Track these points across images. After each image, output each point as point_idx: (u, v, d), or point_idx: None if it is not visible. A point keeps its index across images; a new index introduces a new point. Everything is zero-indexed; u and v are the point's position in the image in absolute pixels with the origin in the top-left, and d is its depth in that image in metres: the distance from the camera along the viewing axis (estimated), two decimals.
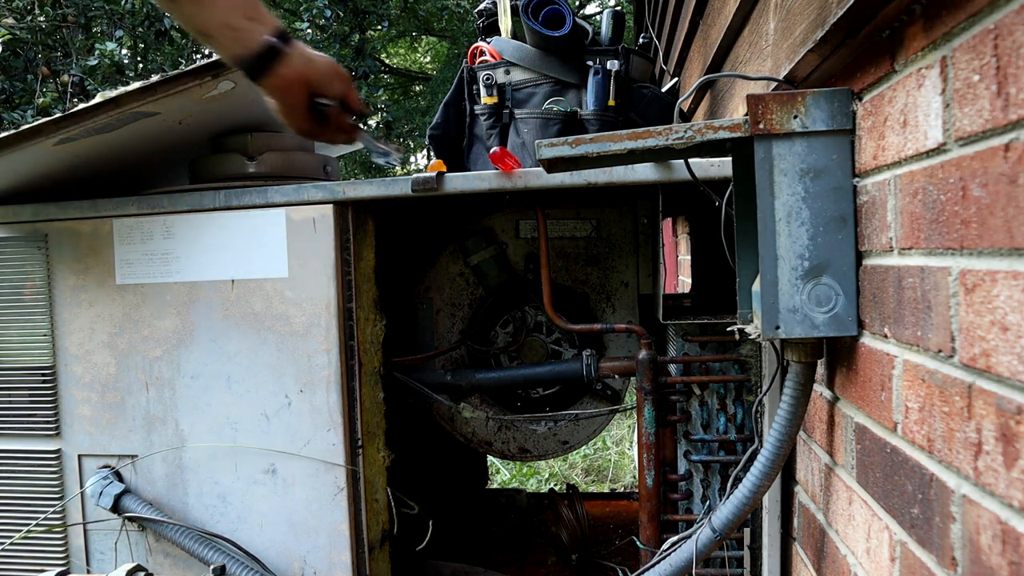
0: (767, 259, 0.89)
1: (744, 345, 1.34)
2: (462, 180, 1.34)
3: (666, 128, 0.90)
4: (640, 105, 1.61)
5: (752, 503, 1.02)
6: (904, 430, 0.75)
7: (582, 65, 1.59)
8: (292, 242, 1.36)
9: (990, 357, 0.58)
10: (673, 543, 1.21)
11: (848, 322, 0.88)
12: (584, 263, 1.68)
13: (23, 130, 1.31)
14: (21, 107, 5.68)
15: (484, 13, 1.73)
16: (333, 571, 1.39)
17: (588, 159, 1.00)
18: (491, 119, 1.62)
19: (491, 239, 1.68)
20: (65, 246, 1.46)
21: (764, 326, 0.90)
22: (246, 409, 1.40)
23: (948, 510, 0.65)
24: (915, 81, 0.71)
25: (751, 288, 1.03)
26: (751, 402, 1.35)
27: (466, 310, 1.71)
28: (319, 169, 1.59)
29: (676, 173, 1.26)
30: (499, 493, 2.26)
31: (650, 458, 1.38)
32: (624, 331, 1.50)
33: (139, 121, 1.35)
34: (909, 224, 0.73)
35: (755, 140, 0.89)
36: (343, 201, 1.36)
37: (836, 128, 0.87)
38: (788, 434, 0.96)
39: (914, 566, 0.72)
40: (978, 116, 0.59)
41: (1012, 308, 0.54)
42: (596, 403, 1.68)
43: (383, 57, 9.91)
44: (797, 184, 0.88)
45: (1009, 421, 0.55)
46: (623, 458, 3.60)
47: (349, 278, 1.38)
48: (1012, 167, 0.54)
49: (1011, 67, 0.54)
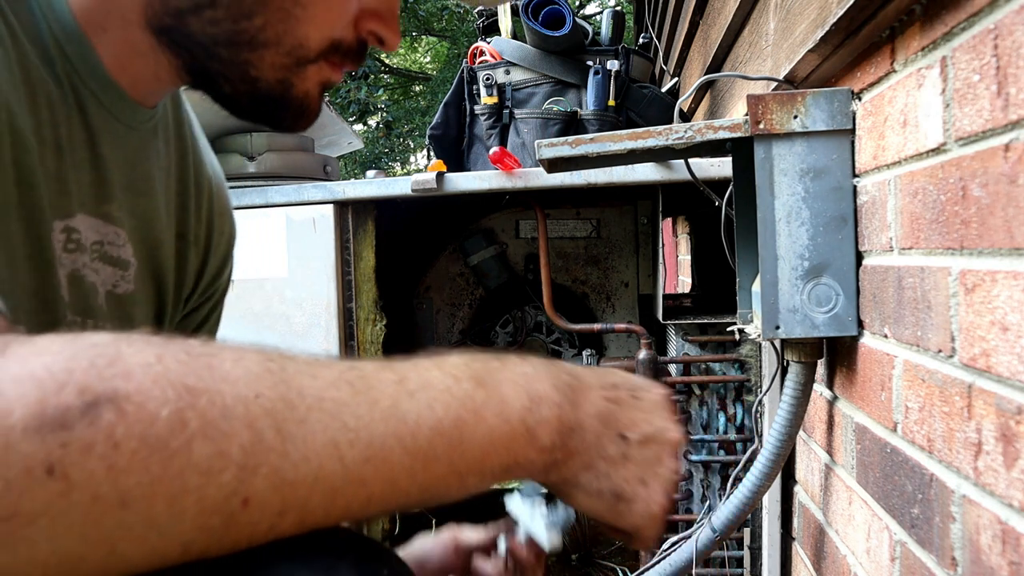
0: (767, 259, 0.89)
1: (744, 345, 1.34)
2: (462, 180, 1.34)
3: (666, 128, 0.90)
4: (640, 105, 1.61)
5: (752, 503, 1.02)
6: (904, 430, 0.75)
7: (582, 65, 1.59)
8: (292, 242, 1.36)
9: (990, 357, 0.58)
10: (673, 543, 1.21)
11: (848, 322, 0.88)
12: (584, 263, 1.68)
13: None
14: None
15: (484, 13, 1.73)
16: None
17: (588, 159, 1.00)
18: (491, 119, 1.62)
19: (491, 239, 1.68)
20: None
21: (764, 326, 0.90)
22: None
23: (948, 510, 0.65)
24: (915, 81, 0.71)
25: (751, 288, 1.03)
26: (751, 402, 1.35)
27: (466, 310, 1.71)
28: (319, 169, 1.59)
29: (676, 173, 1.26)
30: (499, 493, 2.25)
31: None
32: (624, 331, 1.50)
33: None
34: (909, 224, 0.73)
35: (755, 140, 0.89)
36: (343, 201, 1.36)
37: (836, 128, 0.87)
38: (788, 434, 0.96)
39: (914, 566, 0.72)
40: (978, 116, 0.59)
41: (1012, 308, 0.54)
42: None
43: (383, 57, 9.91)
44: (797, 184, 0.88)
45: (1009, 421, 0.55)
46: None
47: (349, 278, 1.38)
48: (1012, 167, 0.54)
49: (1011, 67, 0.54)
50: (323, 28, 0.66)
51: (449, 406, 0.46)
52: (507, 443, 0.49)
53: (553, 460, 0.53)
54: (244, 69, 0.65)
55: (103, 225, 0.68)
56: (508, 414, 0.50)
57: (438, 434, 0.45)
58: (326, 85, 0.71)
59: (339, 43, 0.67)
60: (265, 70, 0.66)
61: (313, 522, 0.41)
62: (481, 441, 0.48)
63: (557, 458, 0.53)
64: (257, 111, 0.69)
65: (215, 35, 0.63)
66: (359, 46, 0.70)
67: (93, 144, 0.65)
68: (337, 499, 0.41)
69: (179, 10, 0.63)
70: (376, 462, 0.42)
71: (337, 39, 0.67)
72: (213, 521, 0.37)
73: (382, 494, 0.43)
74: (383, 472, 0.43)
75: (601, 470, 0.56)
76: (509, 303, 1.72)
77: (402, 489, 0.44)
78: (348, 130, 1.84)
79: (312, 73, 0.68)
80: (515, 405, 0.50)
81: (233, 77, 0.66)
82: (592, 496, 0.56)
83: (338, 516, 0.42)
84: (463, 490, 0.49)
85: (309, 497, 0.40)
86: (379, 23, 0.69)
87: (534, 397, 0.52)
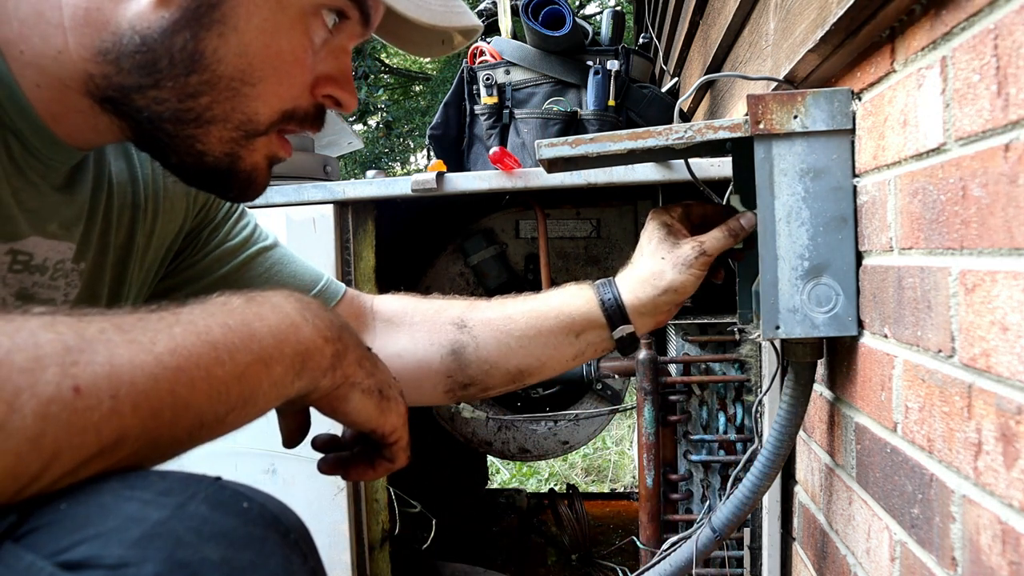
0: (767, 259, 0.89)
1: (744, 345, 1.34)
2: (462, 180, 1.34)
3: (666, 128, 0.90)
4: (640, 105, 1.61)
5: (752, 503, 1.02)
6: (904, 430, 0.75)
7: (582, 65, 1.59)
8: (292, 242, 1.36)
9: (990, 357, 0.58)
10: (673, 543, 1.21)
11: (848, 322, 0.88)
12: (584, 263, 1.68)
13: None
14: None
15: (484, 13, 1.73)
16: (333, 571, 1.39)
17: (588, 159, 1.00)
18: (491, 119, 1.62)
19: (491, 239, 1.68)
20: None
21: (764, 326, 0.90)
22: None
23: (948, 510, 0.65)
24: (915, 81, 0.71)
25: (751, 288, 1.03)
26: (751, 402, 1.35)
27: None
28: (319, 169, 1.59)
29: (676, 173, 1.26)
30: (499, 493, 2.25)
31: (650, 458, 1.38)
32: None
33: None
34: (909, 224, 0.73)
35: (755, 140, 0.89)
36: (343, 201, 1.36)
37: (836, 128, 0.87)
38: (788, 434, 0.96)
39: (914, 566, 0.72)
40: (978, 116, 0.59)
41: (1012, 308, 0.54)
42: (596, 403, 1.68)
43: (383, 57, 9.91)
44: (797, 184, 0.88)
45: (1009, 421, 0.55)
46: (623, 458, 3.60)
47: (349, 278, 1.38)
48: (1012, 167, 0.54)
49: (1011, 67, 0.54)
50: (274, 103, 0.66)
51: (231, 313, 0.54)
52: (294, 331, 0.56)
53: (336, 351, 0.60)
54: (190, 144, 0.65)
55: (59, 244, 0.69)
56: (286, 311, 0.57)
57: (229, 330, 0.52)
58: (273, 159, 0.71)
59: (293, 112, 0.68)
60: (212, 144, 0.66)
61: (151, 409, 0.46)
62: (271, 330, 0.55)
63: (339, 349, 0.60)
64: (204, 181, 0.70)
65: (160, 112, 0.63)
66: (316, 111, 0.70)
67: (23, 172, 0.65)
68: (161, 384, 0.47)
69: (123, 87, 0.62)
70: (181, 352, 0.48)
71: (289, 110, 0.67)
72: (53, 409, 0.42)
73: (204, 382, 0.49)
74: (193, 360, 0.49)
75: (367, 368, 0.64)
76: None
77: (220, 377, 0.50)
78: (348, 130, 1.84)
79: (261, 146, 0.68)
80: (287, 307, 0.58)
81: (179, 150, 0.66)
82: (365, 393, 0.63)
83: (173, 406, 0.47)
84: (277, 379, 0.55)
85: (134, 382, 0.45)
86: (335, 87, 0.70)
87: (301, 300, 0.60)
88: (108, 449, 0.45)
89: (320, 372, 0.59)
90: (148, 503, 0.43)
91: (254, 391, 0.53)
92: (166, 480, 0.46)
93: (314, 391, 0.59)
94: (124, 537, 0.41)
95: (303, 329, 0.57)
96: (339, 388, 0.61)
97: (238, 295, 0.57)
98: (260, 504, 0.48)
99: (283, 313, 0.57)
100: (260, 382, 0.53)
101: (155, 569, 0.40)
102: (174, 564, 0.40)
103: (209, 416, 0.50)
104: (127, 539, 0.40)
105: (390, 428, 0.66)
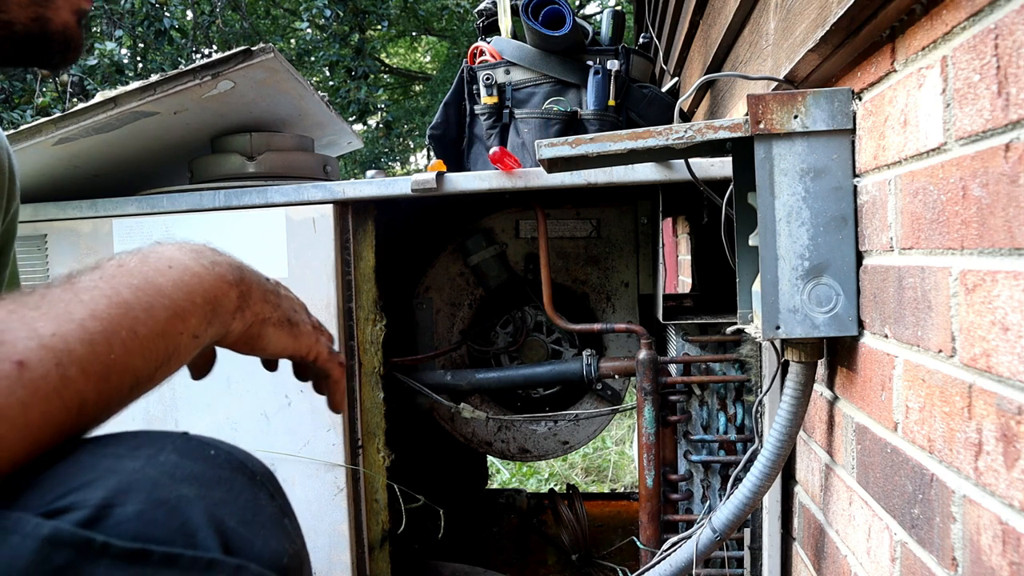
0: (767, 259, 0.89)
1: (744, 345, 1.34)
2: (462, 180, 1.34)
3: (666, 128, 0.90)
4: (640, 105, 1.61)
5: (752, 503, 1.02)
6: (904, 430, 0.75)
7: (582, 65, 1.58)
8: (292, 242, 1.36)
9: (990, 357, 0.58)
10: (673, 543, 1.21)
11: (848, 322, 0.88)
12: (584, 263, 1.68)
13: (22, 130, 1.31)
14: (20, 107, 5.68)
15: (484, 13, 1.73)
16: (333, 571, 1.39)
17: (588, 159, 1.00)
18: (491, 119, 1.62)
19: (491, 239, 1.68)
20: (64, 246, 1.46)
21: (764, 326, 0.90)
22: (246, 409, 1.40)
23: (948, 510, 0.65)
24: (915, 81, 0.71)
25: (751, 288, 1.03)
26: (751, 402, 1.35)
27: (466, 310, 1.71)
28: (319, 169, 1.59)
29: (676, 173, 1.26)
30: (499, 493, 2.25)
31: (650, 458, 1.38)
32: (624, 331, 1.49)
33: (138, 121, 1.35)
34: (909, 224, 0.73)
35: (755, 140, 0.89)
36: (343, 201, 1.36)
37: (836, 128, 0.87)
38: (788, 434, 0.96)
39: (914, 566, 0.72)
40: (978, 116, 0.59)
41: (1012, 308, 0.54)
42: (596, 403, 1.68)
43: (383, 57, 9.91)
44: (797, 184, 0.88)
45: (1010, 421, 0.55)
46: (623, 458, 3.60)
47: (349, 278, 1.38)
48: (1012, 167, 0.54)
49: (1011, 67, 0.54)
50: None
51: (131, 274, 0.54)
52: (198, 281, 0.58)
53: (241, 293, 0.61)
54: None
55: None
56: (184, 263, 0.58)
57: (137, 289, 0.53)
58: (80, 12, 0.71)
59: None
60: (13, 11, 0.66)
61: (98, 373, 0.48)
62: (175, 284, 0.56)
63: (243, 291, 0.62)
64: (22, 55, 0.70)
65: None
66: None
67: None
68: (98, 348, 0.48)
69: None
70: (101, 317, 0.49)
71: None
72: (4, 384, 0.43)
73: (133, 341, 0.51)
74: (115, 322, 0.50)
75: (273, 302, 0.66)
76: (509, 303, 1.72)
77: (145, 336, 0.52)
78: (348, 130, 1.84)
79: (62, 3, 0.68)
80: (184, 259, 0.59)
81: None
82: (276, 326, 0.65)
83: (116, 368, 0.49)
84: (193, 330, 0.56)
85: (70, 349, 0.47)
86: None
87: (194, 248, 0.61)
88: (74, 414, 0.47)
89: (229, 316, 0.61)
90: (122, 456, 0.46)
91: (176, 345, 0.55)
92: (137, 437, 0.49)
93: (228, 335, 0.61)
94: (104, 483, 0.44)
95: (205, 278, 0.59)
96: (251, 327, 0.63)
97: (129, 254, 0.58)
98: (226, 451, 0.52)
99: (183, 265, 0.58)
100: (180, 335, 0.55)
101: (137, 507, 0.43)
102: (153, 502, 0.44)
103: (143, 374, 0.52)
104: (107, 485, 0.44)
105: (306, 350, 0.70)
